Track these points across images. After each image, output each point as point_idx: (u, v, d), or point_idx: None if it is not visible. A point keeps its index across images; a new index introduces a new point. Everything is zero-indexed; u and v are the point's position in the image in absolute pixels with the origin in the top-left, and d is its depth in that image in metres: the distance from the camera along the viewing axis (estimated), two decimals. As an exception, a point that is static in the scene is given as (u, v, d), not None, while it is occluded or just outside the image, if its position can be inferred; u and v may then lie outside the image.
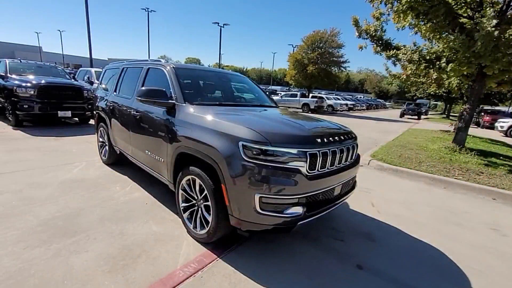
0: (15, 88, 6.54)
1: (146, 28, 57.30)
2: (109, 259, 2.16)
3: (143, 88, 2.96)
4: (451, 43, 6.07)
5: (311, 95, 24.92)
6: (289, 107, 19.18)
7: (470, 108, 7.18)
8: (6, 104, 6.94)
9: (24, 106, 6.55)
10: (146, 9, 36.63)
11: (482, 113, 21.22)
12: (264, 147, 1.99)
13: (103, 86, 4.66)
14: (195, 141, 2.36)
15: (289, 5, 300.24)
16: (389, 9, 6.84)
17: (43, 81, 6.86)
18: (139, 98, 2.83)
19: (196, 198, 2.48)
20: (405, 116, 25.71)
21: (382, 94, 70.52)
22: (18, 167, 4.05)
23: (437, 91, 19.22)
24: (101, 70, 9.07)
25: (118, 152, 4.12)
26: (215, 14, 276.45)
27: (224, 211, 2.18)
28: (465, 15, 6.32)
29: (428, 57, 7.52)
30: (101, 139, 4.64)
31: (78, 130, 7.22)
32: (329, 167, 2.28)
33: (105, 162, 4.55)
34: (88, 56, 19.96)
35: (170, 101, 2.78)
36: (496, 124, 16.64)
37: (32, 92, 6.59)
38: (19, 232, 2.42)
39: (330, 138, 2.33)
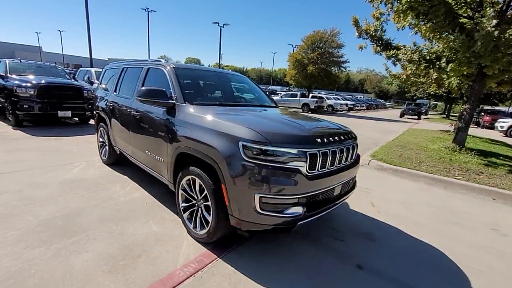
0: (15, 88, 6.54)
1: (146, 28, 57.36)
2: (109, 259, 2.16)
3: (143, 88, 2.96)
4: (451, 43, 6.07)
5: (311, 95, 24.92)
6: (289, 107, 19.18)
7: (470, 108, 7.18)
8: (6, 104, 6.94)
9: (24, 106, 6.55)
10: (146, 9, 36.66)
11: (482, 113, 21.22)
12: (264, 147, 1.99)
13: (103, 86, 4.66)
14: (195, 141, 2.36)
15: (289, 5, 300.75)
16: (389, 9, 6.84)
17: (43, 81, 6.86)
18: (139, 98, 2.83)
19: (196, 198, 2.48)
20: (405, 116, 25.71)
21: (382, 94, 70.51)
22: (18, 167, 4.05)
23: (437, 91, 19.18)
24: (101, 70, 9.07)
25: (118, 152, 4.12)
26: (215, 14, 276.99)
27: (224, 211, 2.18)
28: (465, 15, 6.32)
29: (428, 57, 7.52)
30: (101, 139, 4.64)
31: (78, 130, 7.22)
32: (329, 167, 2.28)
33: (105, 162, 4.55)
34: (88, 56, 19.97)
35: (170, 101, 2.78)
36: (496, 124, 16.65)
37: (32, 92, 6.59)
38: (19, 232, 2.42)
39: (330, 138, 2.32)
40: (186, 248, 2.40)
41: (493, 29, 5.01)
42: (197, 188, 2.43)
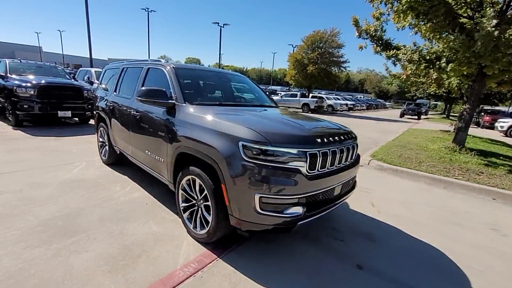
0: (15, 88, 6.54)
1: (146, 28, 57.39)
2: (109, 259, 2.16)
3: (143, 88, 2.96)
4: (451, 43, 6.07)
5: (311, 95, 24.92)
6: (289, 107, 19.18)
7: (470, 108, 7.18)
8: (6, 104, 6.94)
9: (24, 106, 6.55)
10: (146, 9, 36.66)
11: (482, 113, 21.23)
12: (264, 147, 1.99)
13: (103, 86, 4.66)
14: (195, 141, 2.36)
15: (289, 5, 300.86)
16: (389, 9, 6.84)
17: (43, 81, 6.86)
18: (139, 98, 2.83)
19: (196, 198, 2.48)
20: (405, 116, 25.72)
21: (382, 94, 70.50)
22: (18, 167, 4.05)
23: (437, 91, 19.18)
24: (101, 70, 9.07)
25: (118, 152, 4.12)
26: (215, 14, 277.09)
27: (224, 211, 2.18)
28: (465, 15, 6.32)
29: (428, 57, 7.52)
30: (101, 139, 4.64)
31: (78, 130, 7.22)
32: (329, 167, 2.28)
33: (105, 162, 4.55)
34: (88, 56, 19.97)
35: (170, 101, 2.78)
36: (496, 124, 16.65)
37: (32, 92, 6.59)
38: (19, 232, 2.42)
39: (330, 138, 2.32)
40: (186, 248, 2.40)
41: (493, 29, 5.01)
42: (197, 188, 2.43)
